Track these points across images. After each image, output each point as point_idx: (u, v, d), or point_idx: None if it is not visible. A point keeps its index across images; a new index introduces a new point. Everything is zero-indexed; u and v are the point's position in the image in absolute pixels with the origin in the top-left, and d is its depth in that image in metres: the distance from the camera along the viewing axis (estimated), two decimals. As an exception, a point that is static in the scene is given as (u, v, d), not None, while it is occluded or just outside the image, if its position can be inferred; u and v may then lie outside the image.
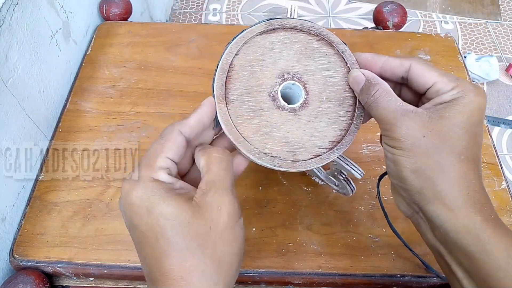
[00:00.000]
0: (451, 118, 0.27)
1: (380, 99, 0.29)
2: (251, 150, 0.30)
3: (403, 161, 0.27)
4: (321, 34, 0.34)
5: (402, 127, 0.27)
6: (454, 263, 0.27)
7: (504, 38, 1.39)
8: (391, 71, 0.31)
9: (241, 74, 0.31)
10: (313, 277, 0.41)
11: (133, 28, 0.62)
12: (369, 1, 1.46)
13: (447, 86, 0.28)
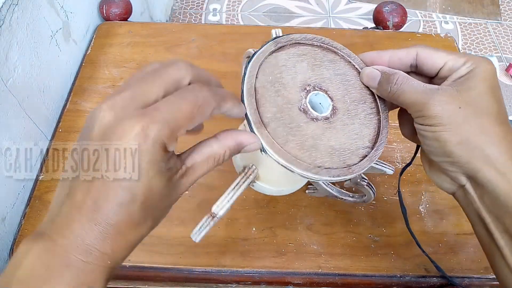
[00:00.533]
0: (477, 87, 0.28)
1: (404, 84, 0.30)
2: (306, 168, 0.29)
3: (446, 136, 0.28)
4: (324, 44, 0.35)
5: (436, 103, 0.28)
6: (498, 231, 0.28)
7: (504, 38, 1.39)
8: (399, 62, 0.32)
9: (267, 95, 0.31)
10: (313, 277, 0.41)
11: (133, 28, 0.62)
12: (369, 1, 1.46)
13: (458, 62, 0.29)
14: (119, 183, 0.22)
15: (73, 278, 0.21)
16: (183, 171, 0.25)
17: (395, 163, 0.49)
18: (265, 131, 0.29)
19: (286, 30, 0.63)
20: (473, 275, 0.41)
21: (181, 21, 1.40)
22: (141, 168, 0.22)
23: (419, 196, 0.46)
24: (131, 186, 0.22)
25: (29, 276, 0.20)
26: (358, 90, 0.34)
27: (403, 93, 0.30)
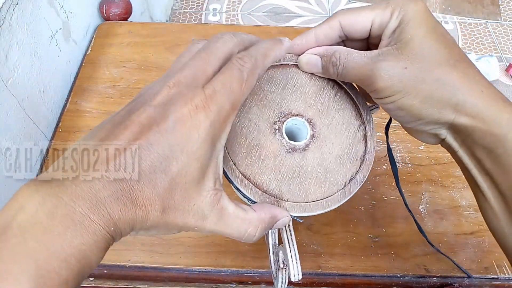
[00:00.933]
0: (415, 37, 0.26)
1: (347, 63, 0.28)
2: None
3: (407, 101, 0.26)
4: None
5: (381, 73, 0.26)
6: (480, 174, 0.27)
7: (504, 38, 1.39)
8: (326, 38, 0.29)
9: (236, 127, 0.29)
10: (313, 277, 0.41)
11: (133, 28, 0.62)
12: (369, 1, 1.46)
13: (385, 15, 0.27)
14: (162, 150, 0.21)
15: (75, 233, 0.19)
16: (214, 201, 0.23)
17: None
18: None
19: (286, 30, 0.63)
20: (473, 275, 0.41)
21: (181, 21, 1.40)
22: (189, 144, 0.21)
23: (419, 196, 0.46)
24: (170, 156, 0.21)
25: (30, 223, 0.18)
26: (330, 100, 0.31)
27: (348, 72, 0.28)
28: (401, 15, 0.27)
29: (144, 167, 0.20)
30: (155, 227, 0.22)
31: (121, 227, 0.21)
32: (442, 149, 0.52)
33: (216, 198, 0.23)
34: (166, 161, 0.21)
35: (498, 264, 0.42)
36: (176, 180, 0.21)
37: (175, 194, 0.22)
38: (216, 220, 0.23)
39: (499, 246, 0.28)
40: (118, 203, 0.20)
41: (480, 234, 0.43)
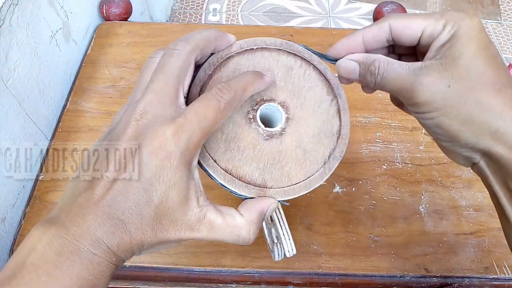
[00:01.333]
0: (463, 55, 0.25)
1: (386, 73, 0.27)
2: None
3: (446, 121, 0.25)
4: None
5: (423, 88, 0.25)
6: (510, 205, 0.26)
7: (504, 38, 1.39)
8: (374, 40, 0.29)
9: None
10: (313, 277, 0.41)
11: (133, 28, 0.62)
12: (369, 1, 1.46)
13: (438, 26, 0.26)
14: (141, 185, 0.23)
15: (82, 267, 0.21)
16: (200, 217, 0.25)
17: (395, 163, 0.49)
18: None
19: (286, 30, 0.63)
20: (473, 275, 0.41)
21: (181, 21, 1.40)
22: (164, 174, 0.24)
23: (419, 196, 0.46)
24: (150, 188, 0.23)
25: (41, 261, 0.21)
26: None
27: (388, 82, 0.27)
28: (453, 30, 0.26)
29: (129, 204, 0.23)
30: (153, 247, 0.25)
31: (122, 255, 0.23)
32: (442, 149, 0.52)
33: (201, 214, 0.25)
34: (146, 194, 0.23)
35: (498, 264, 0.42)
36: (160, 208, 0.24)
37: (162, 219, 0.24)
38: (208, 232, 0.26)
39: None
40: (114, 237, 0.23)
41: (480, 234, 0.43)
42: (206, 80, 0.29)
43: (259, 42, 0.31)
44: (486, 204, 0.46)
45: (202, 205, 0.25)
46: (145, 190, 0.23)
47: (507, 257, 0.42)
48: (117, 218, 0.23)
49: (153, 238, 0.24)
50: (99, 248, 0.22)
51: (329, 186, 0.46)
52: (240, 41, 0.31)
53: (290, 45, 0.32)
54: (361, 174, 0.47)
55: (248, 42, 0.31)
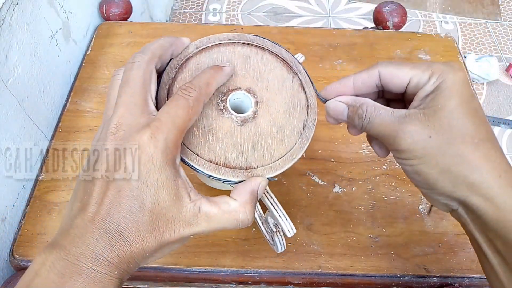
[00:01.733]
0: (445, 108, 0.26)
1: (373, 117, 0.28)
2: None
3: (424, 169, 0.26)
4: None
5: (405, 136, 0.26)
6: (491, 252, 0.27)
7: (504, 38, 1.39)
8: (363, 85, 0.30)
9: None
10: (313, 277, 0.41)
11: (133, 28, 0.62)
12: (369, 1, 1.46)
13: (424, 77, 0.27)
14: (131, 192, 0.24)
15: (84, 285, 0.22)
16: (196, 211, 0.26)
17: (395, 163, 0.49)
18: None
19: (286, 30, 0.63)
20: (473, 275, 0.41)
21: (181, 21, 1.40)
22: (150, 176, 0.24)
23: (419, 196, 0.46)
24: (140, 194, 0.24)
25: (45, 284, 0.22)
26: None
27: (373, 126, 0.28)
28: (438, 82, 0.27)
29: (123, 214, 0.24)
30: (157, 252, 0.25)
31: (124, 267, 0.24)
32: (442, 149, 0.52)
33: (196, 208, 0.26)
34: (138, 200, 0.24)
35: (498, 264, 0.42)
36: (154, 211, 0.24)
37: (158, 222, 0.25)
38: (206, 224, 0.26)
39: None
40: (114, 250, 0.23)
41: (480, 234, 0.43)
42: (171, 83, 0.30)
43: (213, 39, 0.33)
44: (486, 204, 0.46)
45: (195, 199, 0.26)
46: (136, 197, 0.24)
47: (507, 257, 0.42)
48: (113, 231, 0.23)
49: (153, 243, 0.25)
50: (100, 264, 0.23)
51: (329, 186, 0.46)
52: (196, 42, 0.33)
53: (243, 36, 0.34)
54: (361, 174, 0.47)
55: (203, 41, 0.33)
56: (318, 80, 0.56)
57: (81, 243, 0.23)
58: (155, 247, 0.25)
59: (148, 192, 0.24)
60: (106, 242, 0.23)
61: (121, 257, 0.23)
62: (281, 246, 0.32)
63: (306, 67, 0.35)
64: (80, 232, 0.23)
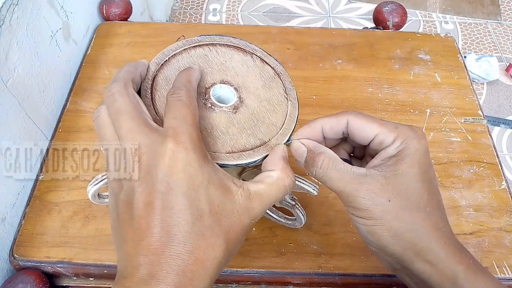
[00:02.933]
0: (405, 174, 0.27)
1: (329, 170, 0.28)
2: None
3: (378, 231, 0.27)
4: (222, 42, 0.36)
5: (365, 197, 0.27)
6: None
7: (504, 38, 1.39)
8: (331, 131, 0.30)
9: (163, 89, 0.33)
10: (313, 277, 0.41)
11: (133, 28, 0.62)
12: (369, 1, 1.46)
13: (388, 138, 0.28)
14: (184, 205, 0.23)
15: None
16: (247, 194, 0.26)
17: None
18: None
19: (286, 30, 0.63)
20: (473, 275, 0.41)
21: (181, 21, 1.40)
22: (195, 179, 0.24)
23: (419, 196, 0.46)
24: (193, 201, 0.23)
25: None
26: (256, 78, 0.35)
27: (330, 180, 0.28)
28: (401, 147, 0.28)
29: (182, 229, 0.23)
30: (229, 254, 0.25)
31: (201, 286, 0.23)
32: (442, 149, 0.53)
33: (246, 191, 0.26)
34: (193, 208, 0.23)
35: (498, 264, 0.42)
36: (213, 212, 0.24)
37: (221, 221, 0.24)
38: (261, 202, 0.26)
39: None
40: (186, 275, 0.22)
41: (480, 234, 0.43)
42: (152, 103, 0.31)
43: (167, 52, 0.35)
44: (486, 204, 0.46)
45: (241, 185, 0.26)
46: (190, 206, 0.23)
47: (507, 257, 0.42)
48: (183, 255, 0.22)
49: (223, 246, 0.24)
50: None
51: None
52: (153, 60, 0.35)
53: (191, 40, 0.36)
54: (361, 174, 0.47)
55: (159, 57, 0.35)
56: (318, 80, 0.56)
57: (150, 279, 0.21)
58: (225, 251, 0.24)
59: (199, 195, 0.24)
60: (177, 269, 0.22)
61: (193, 278, 0.22)
62: (304, 217, 0.35)
63: (306, 67, 0.36)
64: (146, 269, 0.22)
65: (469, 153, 0.50)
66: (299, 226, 0.36)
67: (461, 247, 0.28)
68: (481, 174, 0.48)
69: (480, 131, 0.52)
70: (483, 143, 0.51)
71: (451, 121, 0.53)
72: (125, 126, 0.25)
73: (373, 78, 0.57)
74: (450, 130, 0.52)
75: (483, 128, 0.52)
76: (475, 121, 0.53)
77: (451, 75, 0.58)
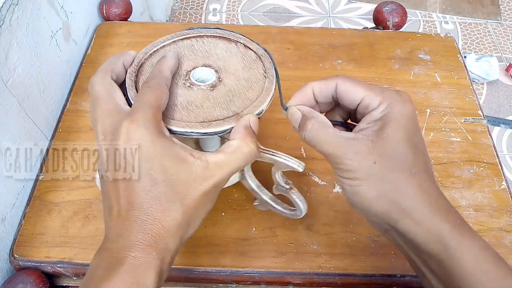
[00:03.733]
0: (391, 138, 0.28)
1: (318, 133, 0.29)
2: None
3: (363, 191, 0.28)
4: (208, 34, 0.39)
5: (352, 158, 0.28)
6: (428, 271, 0.29)
7: (504, 38, 1.39)
8: (321, 94, 0.31)
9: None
10: (313, 277, 0.41)
11: (133, 28, 0.62)
12: (369, 1, 1.46)
13: (374, 101, 0.29)
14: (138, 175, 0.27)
15: (126, 272, 0.25)
16: (204, 164, 0.28)
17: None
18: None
19: (286, 30, 0.63)
20: (473, 275, 0.41)
21: (181, 21, 1.40)
22: (148, 151, 0.27)
23: (419, 196, 0.46)
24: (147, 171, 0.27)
25: (91, 278, 0.25)
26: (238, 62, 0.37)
27: (319, 143, 0.29)
28: (386, 111, 0.28)
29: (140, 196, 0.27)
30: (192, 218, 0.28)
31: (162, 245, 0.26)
32: (442, 149, 0.53)
33: (203, 162, 0.28)
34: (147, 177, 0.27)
35: (498, 264, 0.42)
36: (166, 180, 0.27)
37: (175, 188, 0.27)
38: (220, 171, 0.28)
39: None
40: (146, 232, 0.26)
41: (480, 234, 0.43)
42: (135, 86, 0.34)
43: (156, 43, 0.39)
44: (486, 204, 0.46)
45: (199, 156, 0.28)
46: (144, 175, 0.27)
47: (507, 257, 0.42)
48: (140, 216, 0.26)
49: (180, 209, 0.27)
50: (136, 249, 0.25)
51: (329, 186, 0.46)
52: (143, 49, 0.38)
53: (179, 33, 0.39)
54: (361, 174, 0.47)
55: (149, 47, 0.38)
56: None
57: (117, 238, 0.26)
58: (184, 213, 0.27)
59: (153, 165, 0.27)
60: (138, 228, 0.26)
61: (155, 236, 0.26)
62: (302, 203, 0.36)
63: (306, 67, 0.36)
64: (116, 232, 0.26)
65: (469, 153, 0.50)
66: (300, 215, 0.37)
67: (449, 207, 0.28)
68: (481, 174, 0.48)
69: (480, 131, 0.52)
70: (483, 143, 0.51)
71: (451, 121, 0.53)
72: (98, 111, 0.30)
73: (373, 78, 0.57)
74: (450, 130, 0.52)
75: (483, 128, 0.52)
76: (475, 121, 0.53)
77: (451, 75, 0.58)
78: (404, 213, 0.27)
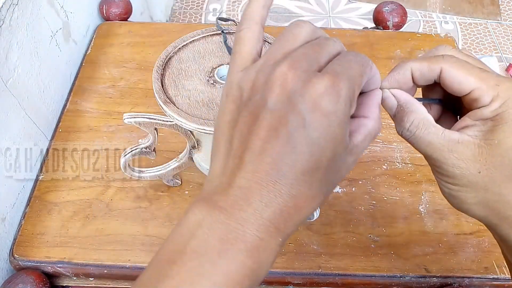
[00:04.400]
0: (502, 145, 0.24)
1: (418, 133, 0.26)
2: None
3: (462, 197, 0.26)
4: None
5: (454, 166, 0.25)
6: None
7: (504, 38, 1.39)
8: (422, 78, 0.27)
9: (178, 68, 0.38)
10: (313, 277, 0.41)
11: (133, 28, 0.62)
12: (369, 1, 1.46)
13: (486, 97, 0.24)
14: (308, 148, 0.20)
15: (248, 255, 0.20)
16: (350, 150, 0.23)
17: (395, 163, 0.49)
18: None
19: (286, 30, 0.63)
20: (473, 275, 0.41)
21: (181, 21, 1.40)
22: (332, 131, 0.21)
23: (419, 196, 0.46)
24: (319, 150, 0.21)
25: (204, 248, 0.20)
26: None
27: (417, 143, 0.26)
28: (500, 110, 0.24)
29: (297, 174, 0.20)
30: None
31: (288, 232, 0.21)
32: (442, 149, 0.52)
33: (351, 148, 0.23)
34: (315, 157, 0.21)
35: (498, 264, 0.42)
36: (328, 170, 0.21)
37: (328, 177, 0.22)
38: (355, 156, 0.23)
39: None
40: (282, 216, 0.21)
41: (480, 234, 0.43)
42: (160, 77, 0.36)
43: (186, 38, 0.40)
44: None
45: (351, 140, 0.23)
46: (313, 153, 0.21)
47: (507, 257, 0.42)
48: (286, 194, 0.20)
49: (321, 199, 0.22)
50: (267, 231, 0.20)
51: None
52: (172, 43, 0.39)
53: (209, 29, 0.40)
54: (361, 174, 0.47)
55: (177, 42, 0.40)
56: (318, 80, 0.56)
57: (247, 206, 0.20)
58: (318, 204, 0.22)
59: (327, 148, 0.21)
60: (276, 206, 0.20)
61: (287, 221, 0.21)
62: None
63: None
64: (244, 194, 0.20)
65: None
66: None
67: None
68: None
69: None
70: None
71: (451, 121, 0.53)
72: (237, 53, 0.24)
73: (373, 78, 0.57)
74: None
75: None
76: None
77: (451, 75, 0.58)
78: (504, 220, 0.25)
